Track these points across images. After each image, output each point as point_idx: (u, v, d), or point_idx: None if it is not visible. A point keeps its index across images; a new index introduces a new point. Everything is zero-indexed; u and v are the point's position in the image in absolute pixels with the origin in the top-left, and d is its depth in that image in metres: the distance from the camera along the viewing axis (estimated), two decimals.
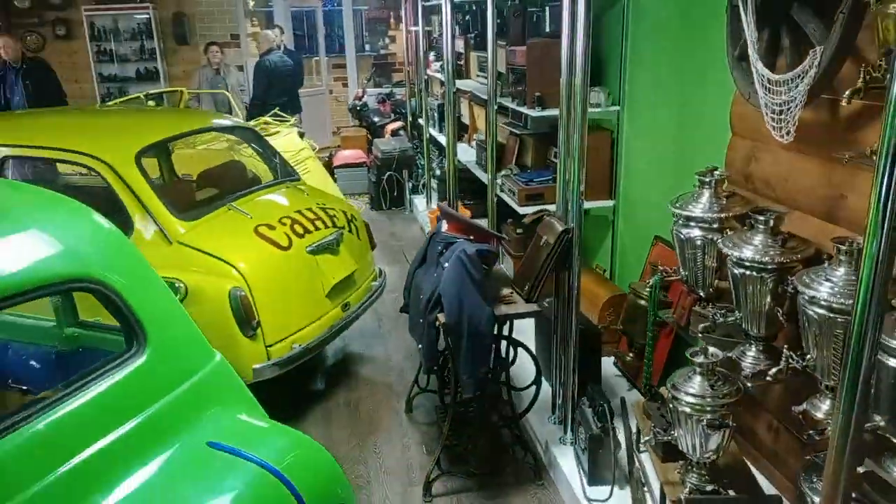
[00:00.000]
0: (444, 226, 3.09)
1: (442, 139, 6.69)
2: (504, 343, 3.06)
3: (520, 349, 3.16)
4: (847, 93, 1.76)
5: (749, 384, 2.22)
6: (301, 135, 6.93)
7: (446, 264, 2.85)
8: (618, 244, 4.16)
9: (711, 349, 2.18)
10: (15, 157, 3.47)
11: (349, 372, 4.16)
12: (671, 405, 2.19)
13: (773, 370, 2.06)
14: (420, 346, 3.05)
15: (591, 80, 2.76)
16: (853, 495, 1.67)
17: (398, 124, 8.77)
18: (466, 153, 5.86)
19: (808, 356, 1.94)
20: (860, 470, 1.66)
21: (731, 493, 2.21)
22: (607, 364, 3.58)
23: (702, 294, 2.53)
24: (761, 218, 2.18)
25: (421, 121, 7.47)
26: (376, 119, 9.08)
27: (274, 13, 10.62)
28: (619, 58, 3.88)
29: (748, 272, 2.14)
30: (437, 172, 7.01)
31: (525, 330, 3.42)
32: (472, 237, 2.97)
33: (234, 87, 8.56)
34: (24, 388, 2.30)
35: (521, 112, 4.43)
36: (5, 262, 1.53)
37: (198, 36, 9.78)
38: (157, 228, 3.30)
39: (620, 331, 3.54)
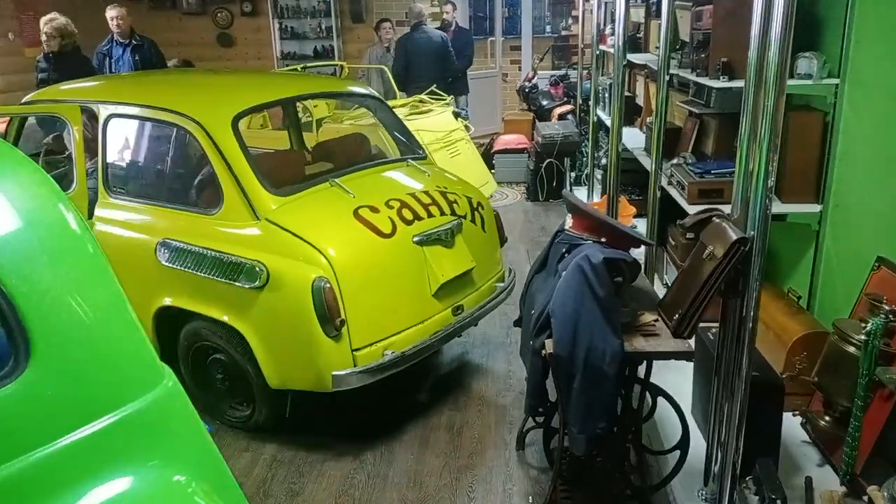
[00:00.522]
0: (569, 221, 2.36)
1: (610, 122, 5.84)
2: (637, 387, 2.27)
3: (661, 398, 2.35)
4: None
5: None
6: (456, 115, 6.42)
7: (564, 273, 2.12)
8: (822, 264, 3.13)
9: None
10: (118, 115, 3.23)
11: (461, 385, 3.54)
12: None
13: None
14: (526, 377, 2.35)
15: (797, 42, 1.89)
16: None
17: (567, 108, 7.97)
18: (635, 139, 4.98)
19: None
20: None
21: None
22: (791, 425, 2.63)
23: None
24: None
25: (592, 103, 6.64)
26: (545, 102, 8.33)
27: None
28: (841, 14, 2.86)
29: None
30: (603, 161, 6.15)
31: (673, 369, 2.57)
32: (603, 239, 2.21)
33: None
34: None
35: (703, 85, 3.52)
36: None
37: (374, 13, 9.64)
38: (246, 202, 2.89)
39: (815, 384, 2.58)
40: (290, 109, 4.20)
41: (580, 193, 6.57)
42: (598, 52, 6.32)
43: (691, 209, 3.37)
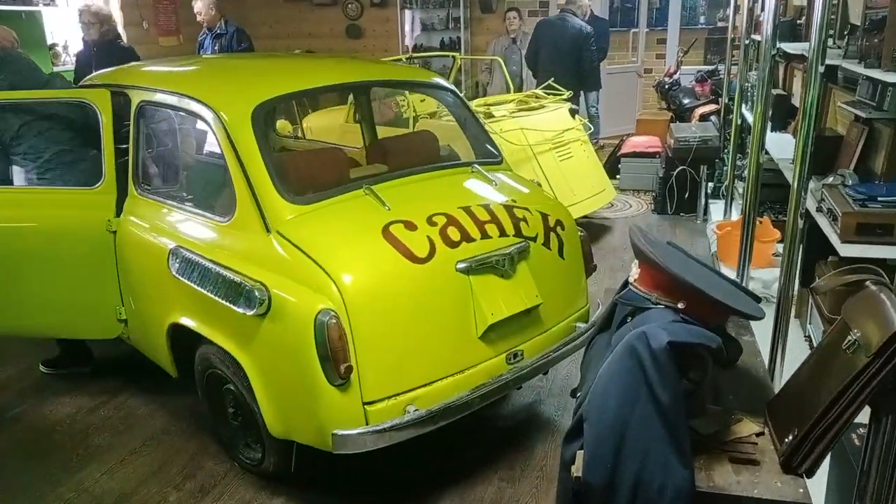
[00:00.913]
0: (635, 271, 1.62)
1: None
2: None
3: None
4: None
5: None
6: (573, 113, 5.66)
7: (611, 356, 1.42)
8: None
9: None
10: (150, 103, 2.87)
11: (521, 445, 2.86)
12: None
13: None
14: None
15: None
16: None
17: (711, 108, 6.91)
18: (786, 147, 4.01)
19: None
20: None
21: None
22: None
23: None
24: None
25: (736, 102, 5.63)
26: (686, 101, 7.31)
27: None
28: None
29: None
30: (746, 172, 5.16)
31: None
32: (681, 304, 1.47)
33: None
34: None
35: (876, 80, 2.60)
36: None
37: (504, 3, 9.04)
38: (257, 209, 2.40)
39: None
40: (361, 100, 3.71)
41: (717, 208, 5.60)
42: (746, 42, 5.29)
43: (845, 249, 2.48)
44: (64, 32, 6.95)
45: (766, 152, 3.78)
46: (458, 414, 2.35)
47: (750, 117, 5.17)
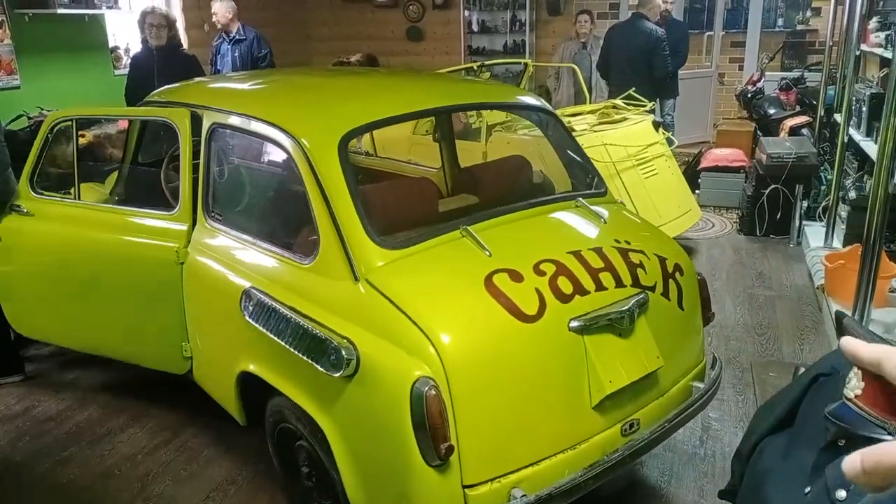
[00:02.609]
0: (856, 383, 1.26)
1: (869, 147, 4.40)
2: None
3: None
4: None
5: None
6: (657, 126, 5.26)
7: (840, 498, 1.07)
8: None
9: None
10: (223, 125, 2.61)
11: None
12: None
13: None
14: None
15: None
16: None
17: (803, 119, 6.42)
18: None
19: None
20: None
21: None
22: None
23: None
24: None
25: (837, 117, 5.16)
26: (772, 111, 6.81)
27: None
28: None
29: None
30: (851, 195, 4.70)
31: None
32: None
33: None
34: None
35: None
36: None
37: (574, 5, 8.66)
38: (344, 253, 2.12)
39: None
40: (442, 120, 3.40)
41: (814, 232, 5.14)
42: (856, 53, 4.81)
43: None
44: (126, 36, 6.85)
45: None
46: (569, 498, 2.02)
47: (856, 134, 4.71)
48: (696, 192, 6.23)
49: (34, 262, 3.20)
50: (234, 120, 2.56)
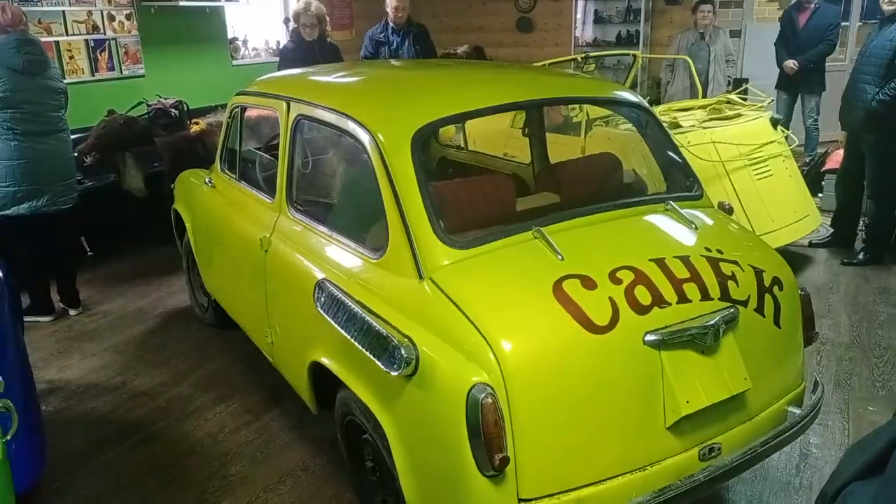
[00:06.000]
0: None
1: None
2: None
3: None
4: None
5: None
6: (775, 123, 4.88)
7: None
8: None
9: None
10: (307, 117, 2.64)
11: None
12: None
13: None
14: None
15: None
16: None
17: None
18: None
19: None
20: None
21: None
22: None
23: None
24: None
25: None
26: None
27: None
28: None
29: None
30: None
31: None
32: None
33: (717, 54, 6.82)
34: None
35: None
36: None
37: None
38: (410, 250, 2.07)
39: None
40: (532, 115, 3.29)
41: None
42: None
43: None
44: (244, 27, 7.15)
45: None
46: None
47: None
48: (819, 195, 5.74)
49: (207, 230, 3.63)
50: (318, 112, 2.57)
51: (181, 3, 5.87)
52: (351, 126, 2.33)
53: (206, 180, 3.63)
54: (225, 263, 3.41)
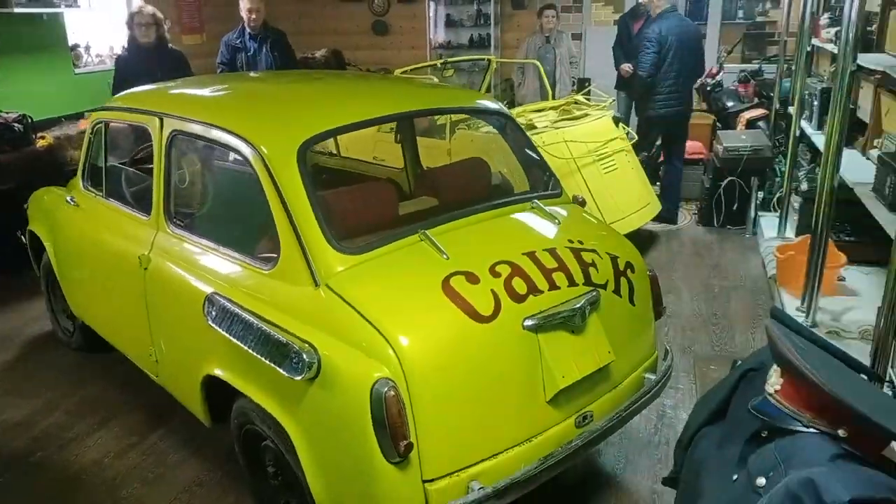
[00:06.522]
0: (775, 379, 1.36)
1: (819, 140, 4.55)
2: None
3: None
4: None
5: None
6: (617, 121, 5.38)
7: (760, 484, 1.17)
8: None
9: None
10: (183, 133, 2.65)
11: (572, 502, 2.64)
12: None
13: None
14: None
15: None
16: None
17: (759, 112, 6.60)
18: (858, 168, 3.73)
19: None
20: None
21: None
22: None
23: None
24: None
25: (791, 110, 5.32)
26: (730, 104, 6.99)
27: None
28: None
29: None
30: (804, 187, 4.86)
31: None
32: (841, 432, 1.22)
33: (562, 57, 7.32)
34: None
35: None
36: None
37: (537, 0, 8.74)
38: (304, 259, 2.17)
39: None
40: (403, 122, 3.46)
41: (769, 222, 5.30)
42: (808, 48, 4.97)
43: None
44: (86, 34, 6.76)
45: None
46: (526, 488, 2.12)
47: (808, 127, 4.87)
48: (658, 184, 6.37)
49: (73, 250, 3.48)
50: (195, 128, 2.59)
51: (16, 10, 5.46)
52: (233, 141, 2.38)
53: (68, 198, 3.48)
54: (96, 284, 3.29)
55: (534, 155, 2.98)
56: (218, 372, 2.43)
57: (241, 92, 3.07)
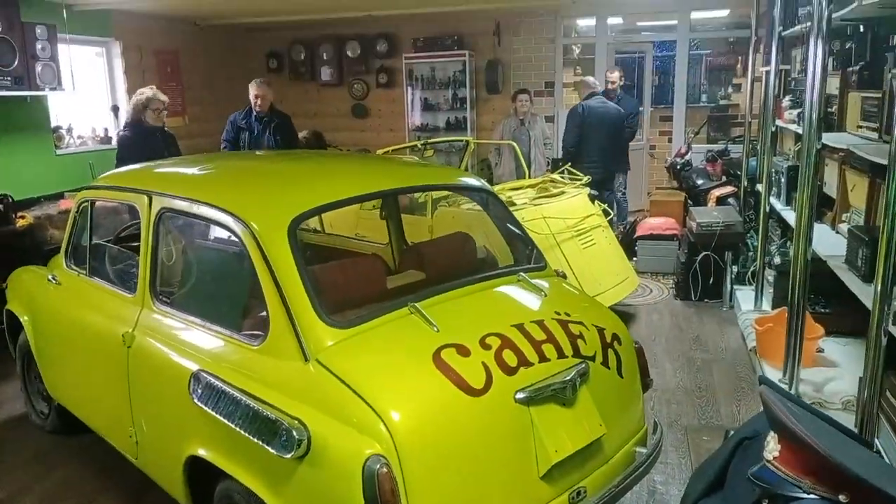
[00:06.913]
0: (773, 446, 1.37)
1: (789, 215, 4.71)
2: None
3: None
4: None
5: None
6: (592, 198, 5.52)
7: None
8: None
9: None
10: (172, 210, 2.67)
11: None
12: None
13: None
14: None
15: None
16: None
17: (728, 190, 6.83)
18: (829, 242, 3.84)
19: None
20: None
21: None
22: None
23: None
24: None
25: (760, 187, 5.52)
26: (700, 182, 7.24)
27: (595, 59, 9.44)
28: None
29: None
30: (777, 261, 4.98)
31: None
32: (843, 498, 1.23)
33: (536, 138, 7.56)
34: None
35: None
36: None
37: (511, 84, 9.09)
38: (294, 333, 2.16)
39: None
40: (388, 199, 3.53)
41: (745, 295, 5.40)
42: (772, 129, 5.21)
43: None
44: (68, 116, 6.85)
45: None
46: None
47: (777, 203, 5.04)
48: (634, 259, 6.49)
49: (54, 330, 3.41)
50: (184, 205, 2.61)
51: (1, 94, 5.54)
52: (223, 218, 2.40)
53: (49, 277, 3.44)
54: (76, 363, 3.22)
55: (516, 229, 3.04)
56: (202, 452, 2.36)
57: (230, 170, 3.13)
